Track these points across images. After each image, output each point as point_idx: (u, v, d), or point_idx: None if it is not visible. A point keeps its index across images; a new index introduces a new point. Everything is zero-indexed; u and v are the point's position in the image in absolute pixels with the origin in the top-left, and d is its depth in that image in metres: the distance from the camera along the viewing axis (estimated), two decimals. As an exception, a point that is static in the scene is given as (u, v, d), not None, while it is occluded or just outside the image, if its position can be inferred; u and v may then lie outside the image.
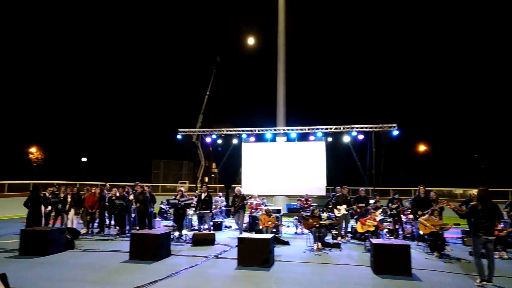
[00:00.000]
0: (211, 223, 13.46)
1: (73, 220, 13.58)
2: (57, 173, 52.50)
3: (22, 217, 15.89)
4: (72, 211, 13.55)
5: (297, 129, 18.64)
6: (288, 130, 18.94)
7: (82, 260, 8.76)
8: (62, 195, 14.01)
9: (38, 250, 9.16)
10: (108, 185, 14.78)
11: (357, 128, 17.72)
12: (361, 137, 17.70)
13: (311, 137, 18.46)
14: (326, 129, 18.11)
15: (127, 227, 13.11)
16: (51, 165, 58.91)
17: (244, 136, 19.36)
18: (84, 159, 54.37)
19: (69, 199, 13.64)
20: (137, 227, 13.24)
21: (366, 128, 17.61)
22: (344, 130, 17.86)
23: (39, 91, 65.00)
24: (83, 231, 13.11)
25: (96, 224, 13.65)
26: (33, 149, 59.43)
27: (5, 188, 31.71)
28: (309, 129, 18.37)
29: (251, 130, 19.26)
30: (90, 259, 8.95)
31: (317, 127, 18.33)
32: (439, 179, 44.20)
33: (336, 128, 17.96)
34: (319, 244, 10.46)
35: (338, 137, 18.03)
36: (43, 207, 12.97)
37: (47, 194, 13.59)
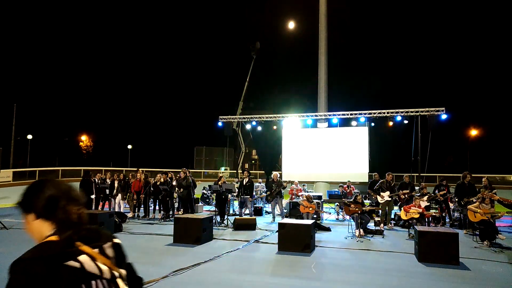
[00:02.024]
0: (252, 208, 13.61)
1: (120, 204, 14.19)
2: (105, 159, 55.04)
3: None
4: (119, 196, 14.15)
5: (338, 114, 18.34)
6: (329, 115, 18.67)
7: (129, 242, 9.14)
8: (109, 180, 14.64)
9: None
10: (140, 171, 14.76)
11: (402, 112, 17.16)
12: (406, 121, 17.14)
13: (353, 123, 18.11)
14: (369, 114, 17.67)
15: (171, 212, 13.54)
16: (99, 152, 61.84)
17: (284, 122, 19.28)
18: (129, 147, 56.46)
19: (116, 185, 14.23)
20: (181, 211, 13.64)
21: (412, 112, 17.01)
22: (388, 115, 17.35)
23: (89, 82, 67.99)
24: (129, 215, 13.66)
25: (141, 209, 14.18)
26: (83, 137, 62.59)
27: (59, 174, 33.64)
28: (351, 114, 18.02)
29: (292, 116, 19.14)
30: (136, 241, 9.34)
31: (359, 112, 17.93)
32: (492, 165, 42.01)
33: (379, 113, 17.49)
34: (361, 230, 10.31)
35: (381, 122, 17.57)
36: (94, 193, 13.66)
37: (96, 180, 14.27)
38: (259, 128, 19.86)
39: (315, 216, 12.13)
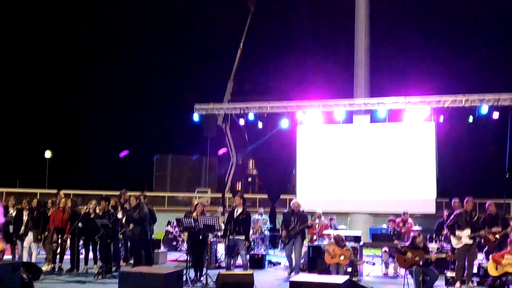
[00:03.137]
0: (248, 257, 13.51)
1: (31, 249, 14.03)
2: (7, 176, 54.55)
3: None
4: (30, 235, 13.98)
5: (388, 102, 18.36)
6: (373, 104, 18.65)
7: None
8: (13, 211, 14.44)
9: (-20, 297, 9.55)
10: (62, 195, 14.61)
11: (488, 100, 17.14)
12: (496, 114, 17.13)
13: (411, 115, 18.11)
14: (438, 102, 17.65)
15: (114, 262, 13.37)
16: (-4, 164, 61.37)
17: (300, 114, 19.29)
18: (47, 155, 56.01)
19: (25, 218, 14.07)
20: (131, 262, 13.51)
21: (506, 99, 17.00)
22: (466, 104, 17.33)
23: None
24: (45, 267, 13.47)
25: (66, 257, 13.99)
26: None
27: None
28: (408, 102, 18.01)
29: (312, 105, 19.13)
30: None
31: (421, 98, 17.92)
32: None
33: (453, 101, 17.49)
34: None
35: (456, 115, 17.67)
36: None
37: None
38: (260, 124, 19.85)
39: (349, 269, 12.04)
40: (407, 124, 18.39)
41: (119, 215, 13.78)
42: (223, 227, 13.49)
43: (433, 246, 13.58)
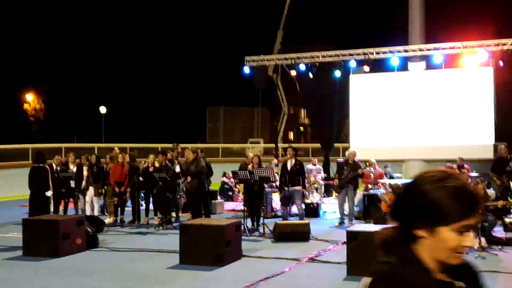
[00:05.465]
0: (303, 206, 13.68)
1: (93, 204, 14.54)
2: (65, 132, 55.58)
3: (21, 199, 17.46)
4: (91, 190, 14.46)
5: (444, 48, 17.96)
6: (428, 50, 18.25)
7: (109, 264, 9.43)
8: (73, 166, 14.91)
9: (48, 249, 10.01)
10: (117, 150, 15.01)
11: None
12: None
13: (468, 60, 17.67)
14: (497, 45, 17.15)
15: (174, 214, 13.75)
16: (55, 120, 62.27)
17: (353, 63, 19.09)
18: (103, 110, 56.67)
19: (85, 173, 14.52)
20: (189, 214, 13.86)
21: None
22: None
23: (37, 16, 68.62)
24: (108, 220, 13.92)
25: (127, 209, 14.41)
26: (29, 96, 62.86)
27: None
28: (465, 47, 17.57)
29: (365, 54, 18.87)
30: (121, 262, 9.60)
31: (478, 42, 17.42)
32: None
33: (512, 44, 16.98)
34: (483, 240, 10.22)
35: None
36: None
37: (54, 166, 14.56)
38: (311, 75, 19.73)
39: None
40: (465, 70, 18.00)
41: (177, 169, 14.04)
42: (278, 178, 13.62)
43: (491, 192, 13.43)
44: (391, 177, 16.17)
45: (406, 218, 1.72)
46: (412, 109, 18.40)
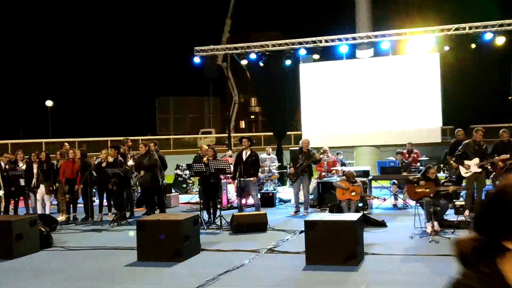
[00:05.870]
0: (259, 197, 13.76)
1: (44, 201, 14.25)
2: (9, 127, 54.25)
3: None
4: (42, 188, 14.17)
5: (391, 34, 18.22)
6: (376, 37, 18.50)
7: (66, 265, 9.26)
8: (22, 164, 14.63)
9: (1, 250, 9.74)
10: (67, 146, 14.89)
11: (492, 26, 16.99)
12: (501, 40, 16.97)
13: (415, 47, 18.02)
14: (442, 30, 17.50)
15: (128, 209, 13.66)
16: (-1, 116, 60.87)
17: (303, 52, 19.19)
18: (49, 103, 55.55)
19: (35, 170, 14.23)
20: (144, 208, 13.79)
21: (509, 25, 16.84)
22: (473, 31, 17.18)
23: None
24: (60, 218, 13.72)
25: (79, 206, 14.26)
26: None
27: None
28: (411, 33, 17.89)
29: (315, 42, 18.99)
30: (77, 262, 9.44)
31: (424, 28, 17.77)
32: None
33: (456, 29, 17.36)
34: (436, 224, 10.41)
35: (462, 44, 17.55)
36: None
37: (2, 164, 14.27)
38: (261, 64, 19.79)
39: (360, 204, 12.24)
40: (412, 56, 18.33)
41: (130, 163, 13.93)
42: (232, 169, 13.65)
43: (441, 175, 13.71)
44: (343, 164, 16.35)
45: (494, 229, 1.64)
46: (362, 96, 18.65)
